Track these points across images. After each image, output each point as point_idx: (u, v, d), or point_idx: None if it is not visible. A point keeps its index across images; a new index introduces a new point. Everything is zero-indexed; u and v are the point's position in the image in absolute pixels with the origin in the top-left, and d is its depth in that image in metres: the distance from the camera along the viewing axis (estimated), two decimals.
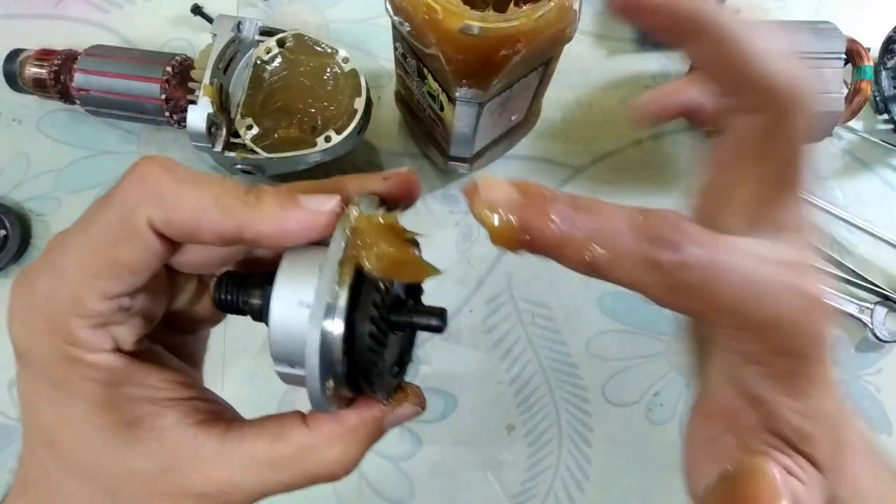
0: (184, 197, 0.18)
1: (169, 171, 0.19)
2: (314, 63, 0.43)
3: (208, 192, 0.19)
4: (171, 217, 0.18)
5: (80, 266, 0.19)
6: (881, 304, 0.50)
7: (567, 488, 0.48)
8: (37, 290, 0.19)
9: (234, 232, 0.19)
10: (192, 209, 0.18)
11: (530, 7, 0.31)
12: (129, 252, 0.19)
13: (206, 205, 0.18)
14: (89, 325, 0.19)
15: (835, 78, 0.46)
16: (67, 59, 0.46)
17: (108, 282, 0.19)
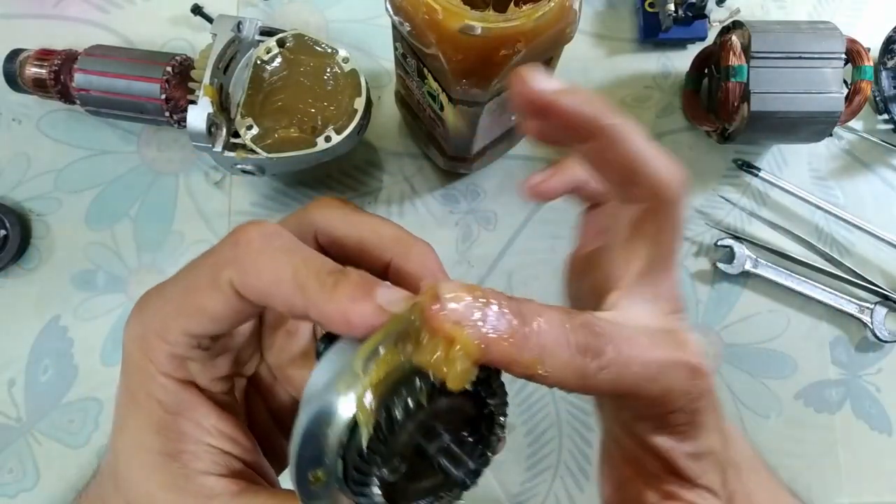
0: (264, 266, 0.19)
1: (262, 237, 0.20)
2: (314, 63, 0.43)
3: (289, 266, 0.19)
4: (248, 282, 0.19)
5: (174, 300, 0.21)
6: (881, 304, 0.50)
7: (567, 488, 0.48)
8: (149, 304, 0.21)
9: (301, 309, 0.19)
10: (268, 280, 0.19)
11: (530, 7, 0.31)
12: (209, 301, 0.20)
13: (283, 278, 0.19)
14: (168, 351, 0.21)
15: (835, 78, 0.46)
16: (67, 59, 0.46)
17: (189, 322, 0.20)
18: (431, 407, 0.18)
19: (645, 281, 0.22)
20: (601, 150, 0.20)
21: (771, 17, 0.55)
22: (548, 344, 0.18)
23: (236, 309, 0.20)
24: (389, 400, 0.17)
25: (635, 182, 0.20)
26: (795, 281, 0.51)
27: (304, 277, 0.19)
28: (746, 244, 0.51)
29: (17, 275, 0.49)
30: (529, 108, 0.19)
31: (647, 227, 0.21)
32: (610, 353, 0.19)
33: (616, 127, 0.20)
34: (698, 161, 0.53)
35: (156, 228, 0.49)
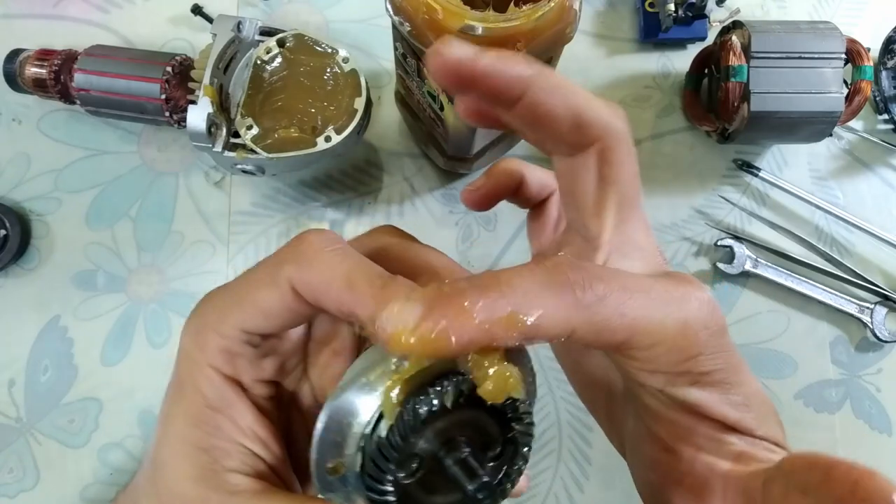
0: (320, 264, 0.20)
1: (322, 240, 0.20)
2: (314, 63, 0.43)
3: (342, 266, 0.20)
4: (303, 278, 0.20)
5: (233, 293, 0.21)
6: (881, 304, 0.50)
7: (567, 488, 0.48)
8: (211, 299, 0.22)
9: (348, 307, 0.19)
10: (323, 278, 0.20)
11: (530, 7, 0.31)
12: (266, 296, 0.20)
13: (336, 276, 0.19)
14: (220, 345, 0.21)
15: (835, 78, 0.46)
16: (67, 59, 0.46)
17: (244, 315, 0.21)
18: (456, 414, 0.18)
19: (624, 229, 0.21)
20: (535, 105, 0.20)
21: (771, 17, 0.55)
22: (518, 295, 0.17)
23: (290, 306, 0.20)
24: (415, 397, 0.17)
25: (582, 124, 0.20)
26: (795, 281, 0.51)
27: (355, 277, 0.19)
28: (746, 244, 0.51)
29: (17, 275, 0.49)
30: (452, 79, 0.19)
31: (607, 170, 0.21)
32: (601, 287, 0.17)
33: (544, 76, 0.19)
34: (698, 161, 0.53)
35: (156, 228, 0.49)
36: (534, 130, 0.21)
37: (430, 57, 0.19)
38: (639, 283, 0.19)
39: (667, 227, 0.52)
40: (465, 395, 0.17)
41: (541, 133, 0.21)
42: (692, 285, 0.20)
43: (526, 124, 0.21)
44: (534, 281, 0.17)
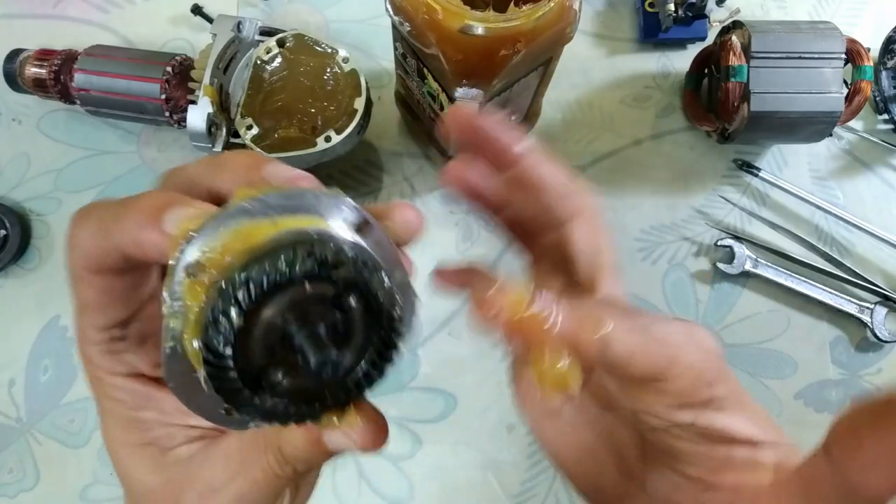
0: (81, 236, 0.19)
1: (79, 213, 0.20)
2: (314, 63, 0.43)
3: (94, 220, 0.19)
4: (82, 256, 0.20)
5: (75, 303, 0.21)
6: (881, 304, 0.50)
7: (567, 488, 0.48)
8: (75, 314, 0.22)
9: (119, 255, 0.19)
10: (88, 244, 0.19)
11: (530, 7, 0.31)
12: (84, 293, 0.20)
13: (93, 233, 0.19)
14: (100, 350, 0.21)
15: (835, 78, 0.46)
16: (67, 59, 0.46)
17: (88, 317, 0.21)
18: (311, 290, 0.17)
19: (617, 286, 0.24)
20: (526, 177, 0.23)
21: (771, 17, 0.55)
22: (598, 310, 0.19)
23: (103, 287, 0.20)
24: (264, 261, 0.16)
25: (567, 196, 0.23)
26: (795, 281, 0.51)
27: (105, 223, 0.19)
28: (746, 244, 0.51)
29: (17, 275, 0.49)
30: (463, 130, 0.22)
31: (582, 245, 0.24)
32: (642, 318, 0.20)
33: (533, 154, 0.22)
34: (698, 161, 0.53)
35: None
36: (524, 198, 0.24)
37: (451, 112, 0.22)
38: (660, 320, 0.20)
39: (667, 227, 0.52)
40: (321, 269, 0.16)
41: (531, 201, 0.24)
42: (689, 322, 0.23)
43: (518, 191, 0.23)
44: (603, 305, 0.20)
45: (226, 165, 0.20)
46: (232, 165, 0.20)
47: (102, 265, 0.20)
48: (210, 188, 0.20)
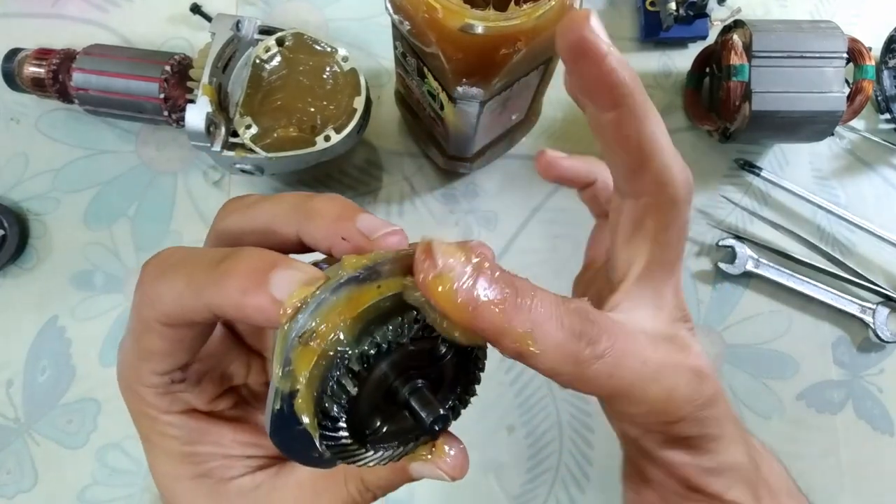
0: (164, 289, 0.19)
1: (157, 264, 0.20)
2: (313, 62, 0.43)
3: (181, 277, 0.18)
4: (162, 312, 0.19)
5: (131, 349, 0.21)
6: (883, 305, 0.50)
7: (568, 489, 0.48)
8: (121, 356, 0.22)
9: (209, 315, 0.18)
10: (172, 301, 0.19)
11: (531, 6, 0.31)
12: (152, 343, 0.20)
13: (181, 291, 0.18)
14: (156, 392, 0.21)
15: (836, 77, 0.46)
16: (66, 59, 0.46)
17: (150, 364, 0.21)
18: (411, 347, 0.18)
19: (645, 283, 0.21)
20: (620, 124, 0.19)
21: (772, 16, 0.55)
22: (540, 320, 0.17)
23: (175, 338, 0.20)
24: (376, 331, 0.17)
25: (644, 168, 0.20)
26: (797, 281, 0.51)
27: (197, 280, 0.18)
28: (748, 244, 0.51)
29: (14, 275, 0.49)
30: (577, 48, 0.18)
31: (649, 224, 0.21)
32: (604, 343, 0.18)
33: (642, 102, 0.19)
34: (700, 160, 0.53)
35: (154, 228, 0.49)
36: (607, 150, 0.21)
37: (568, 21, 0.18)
38: (639, 350, 0.19)
39: None
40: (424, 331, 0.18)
41: (610, 157, 0.21)
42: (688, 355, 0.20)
43: (603, 139, 0.20)
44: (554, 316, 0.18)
45: (316, 214, 0.20)
46: (323, 215, 0.19)
47: (184, 321, 0.19)
48: (297, 235, 0.20)
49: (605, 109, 0.19)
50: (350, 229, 0.19)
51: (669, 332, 0.21)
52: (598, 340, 0.18)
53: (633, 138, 0.19)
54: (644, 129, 0.19)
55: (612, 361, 0.18)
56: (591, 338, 0.18)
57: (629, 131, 0.19)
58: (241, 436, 0.23)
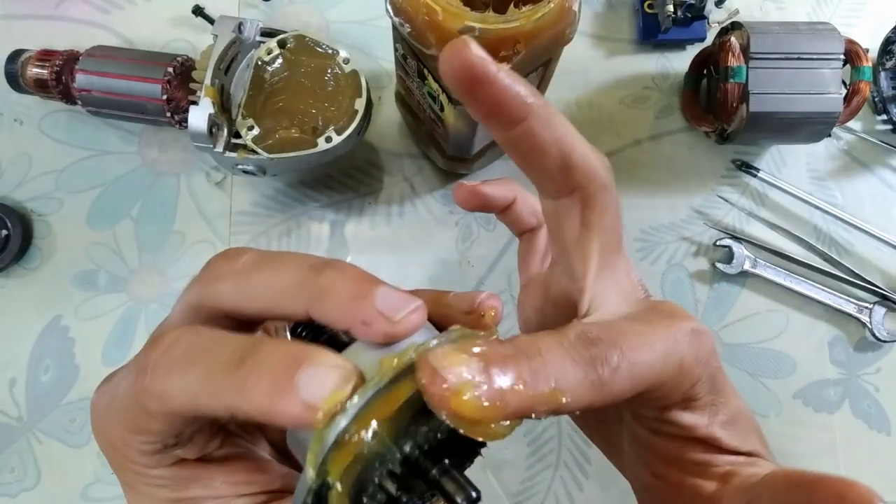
0: (172, 389, 0.18)
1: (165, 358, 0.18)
2: (315, 64, 0.44)
3: (195, 377, 0.17)
4: (172, 409, 0.18)
5: (120, 420, 0.20)
6: (880, 304, 0.51)
7: (567, 487, 0.48)
8: (103, 408, 0.20)
9: (230, 417, 0.17)
10: (185, 401, 0.18)
11: (530, 8, 0.31)
12: (149, 424, 0.19)
13: (195, 393, 0.17)
14: (143, 453, 0.20)
15: (833, 78, 0.47)
16: (69, 60, 0.46)
17: (143, 437, 0.19)
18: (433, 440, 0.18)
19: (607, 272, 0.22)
20: (533, 133, 0.19)
21: (770, 18, 0.55)
22: (556, 370, 0.17)
23: (179, 423, 0.19)
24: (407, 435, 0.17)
25: (568, 166, 0.20)
26: (794, 281, 0.51)
27: (215, 382, 0.17)
28: (745, 244, 0.51)
29: (18, 275, 0.49)
30: (465, 76, 0.18)
31: (589, 215, 0.21)
32: (615, 353, 0.18)
33: (545, 106, 0.19)
34: (697, 161, 0.53)
35: (157, 229, 0.50)
36: (524, 163, 0.21)
37: (447, 50, 0.18)
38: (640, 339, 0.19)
39: (666, 227, 0.52)
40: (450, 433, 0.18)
41: (530, 167, 0.21)
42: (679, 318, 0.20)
43: (518, 154, 0.20)
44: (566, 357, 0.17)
45: (328, 294, 0.18)
46: (336, 294, 0.18)
47: (196, 418, 0.19)
48: (307, 313, 0.19)
49: (513, 125, 0.19)
50: (369, 312, 0.18)
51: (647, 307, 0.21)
52: (609, 356, 0.18)
53: (549, 142, 0.19)
54: (556, 131, 0.19)
55: (628, 366, 0.18)
56: (602, 357, 0.18)
57: (543, 137, 0.19)
58: (232, 476, 0.22)
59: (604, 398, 0.18)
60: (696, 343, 0.20)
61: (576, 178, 0.20)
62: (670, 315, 0.20)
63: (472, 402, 0.15)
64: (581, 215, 0.21)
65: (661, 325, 0.20)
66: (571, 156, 0.20)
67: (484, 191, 0.29)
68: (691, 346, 0.20)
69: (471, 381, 0.16)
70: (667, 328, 0.20)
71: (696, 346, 0.20)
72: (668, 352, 0.19)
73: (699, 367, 0.20)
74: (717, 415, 0.21)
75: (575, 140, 0.20)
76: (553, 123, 0.19)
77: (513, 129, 0.19)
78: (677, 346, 0.20)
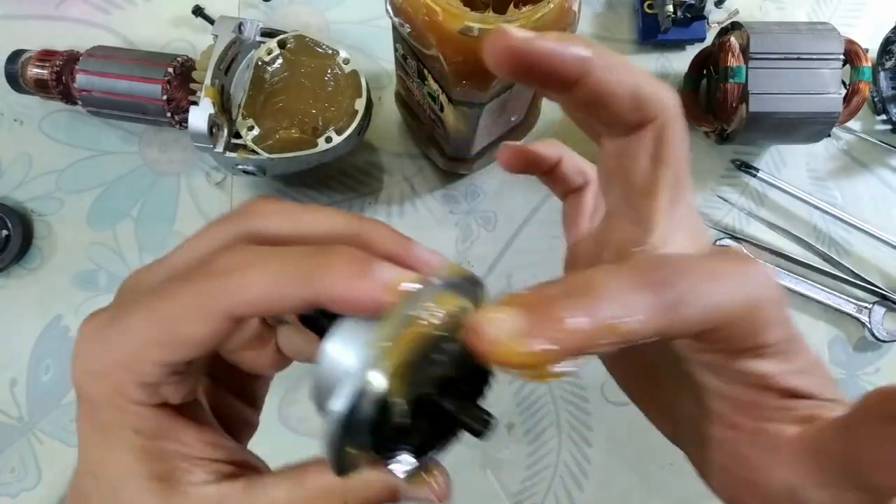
0: (251, 282, 0.19)
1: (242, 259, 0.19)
2: (315, 64, 0.44)
3: (275, 267, 0.19)
4: (246, 301, 0.19)
5: (145, 330, 0.19)
6: (879, 304, 0.51)
7: (566, 487, 0.48)
8: (102, 335, 0.20)
9: (308, 302, 0.19)
10: (262, 291, 0.19)
11: (530, 8, 0.31)
12: (197, 331, 0.19)
13: (275, 280, 0.19)
14: (140, 381, 0.20)
15: (833, 79, 0.47)
16: (69, 60, 0.46)
17: (168, 351, 0.19)
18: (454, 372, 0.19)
19: (677, 209, 0.21)
20: (597, 85, 0.19)
21: (769, 18, 0.55)
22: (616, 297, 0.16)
23: (225, 331, 0.19)
24: (418, 373, 0.18)
25: (641, 102, 0.20)
26: (794, 281, 0.51)
27: (300, 269, 0.19)
28: (745, 244, 0.51)
29: (18, 275, 0.49)
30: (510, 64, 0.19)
31: (661, 147, 0.21)
32: (684, 280, 0.17)
33: (604, 54, 0.19)
34: (697, 161, 0.53)
35: (157, 229, 0.50)
36: (591, 111, 0.21)
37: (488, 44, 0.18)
38: (712, 270, 0.18)
39: None
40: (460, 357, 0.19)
41: (598, 113, 0.21)
42: (751, 262, 0.19)
43: (583, 106, 0.20)
44: (625, 285, 0.17)
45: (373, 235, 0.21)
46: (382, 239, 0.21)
47: (269, 310, 0.19)
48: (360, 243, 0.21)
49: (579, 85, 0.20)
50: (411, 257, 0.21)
51: (717, 249, 0.21)
52: (673, 283, 0.17)
53: (616, 85, 0.20)
54: (621, 73, 0.20)
55: (698, 293, 0.17)
56: (666, 282, 0.17)
57: (610, 82, 0.20)
58: (202, 435, 0.21)
59: (672, 326, 0.17)
60: (769, 285, 0.19)
61: (649, 111, 0.20)
62: (741, 257, 0.20)
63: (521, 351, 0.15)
64: (653, 148, 0.21)
65: (733, 262, 0.19)
66: (641, 91, 0.20)
67: (531, 150, 0.29)
68: (765, 288, 0.19)
69: (517, 330, 0.15)
70: (738, 265, 0.19)
71: (769, 289, 0.19)
72: (739, 288, 0.18)
73: (772, 309, 0.19)
74: (791, 363, 0.20)
75: (640, 76, 0.20)
76: (615, 66, 0.19)
77: (574, 88, 0.19)
78: (749, 283, 0.19)
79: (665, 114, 0.20)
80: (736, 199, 0.53)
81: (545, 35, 0.19)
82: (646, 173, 0.21)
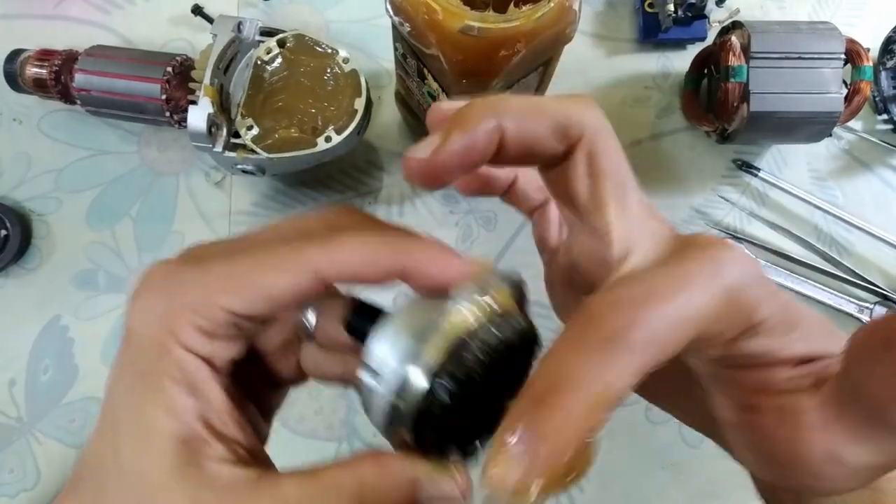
0: (352, 249, 0.20)
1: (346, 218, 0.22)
2: (314, 63, 0.43)
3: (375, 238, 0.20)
4: (338, 270, 0.20)
5: (225, 274, 0.20)
6: (880, 304, 0.50)
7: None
8: (174, 276, 0.20)
9: (394, 274, 0.20)
10: (360, 261, 0.20)
11: (530, 7, 0.31)
12: (279, 282, 0.19)
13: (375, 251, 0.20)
14: (198, 325, 0.20)
15: (834, 78, 0.47)
16: (68, 60, 0.46)
17: (242, 299, 0.19)
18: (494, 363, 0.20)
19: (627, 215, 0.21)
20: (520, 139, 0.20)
21: (770, 18, 0.55)
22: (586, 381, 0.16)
23: (306, 291, 0.20)
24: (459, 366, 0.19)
25: (563, 131, 0.20)
26: (795, 281, 0.51)
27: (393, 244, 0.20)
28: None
29: (17, 275, 0.49)
30: (436, 179, 0.20)
31: (594, 163, 0.21)
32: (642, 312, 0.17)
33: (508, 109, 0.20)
34: (698, 161, 0.53)
35: (156, 228, 0.50)
36: (523, 162, 0.21)
37: (406, 174, 0.20)
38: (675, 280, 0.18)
39: None
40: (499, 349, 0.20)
41: (530, 160, 0.21)
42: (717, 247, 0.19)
43: (517, 159, 0.21)
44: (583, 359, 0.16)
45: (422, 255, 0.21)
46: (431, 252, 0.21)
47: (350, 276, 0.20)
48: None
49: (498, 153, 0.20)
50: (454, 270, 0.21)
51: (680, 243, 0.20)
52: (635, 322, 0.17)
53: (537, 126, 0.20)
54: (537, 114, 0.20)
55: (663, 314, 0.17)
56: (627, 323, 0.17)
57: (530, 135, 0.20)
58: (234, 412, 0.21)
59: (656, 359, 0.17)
60: (743, 264, 0.19)
61: (573, 135, 0.20)
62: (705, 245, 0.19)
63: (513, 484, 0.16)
64: (587, 165, 0.21)
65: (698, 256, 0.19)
66: (559, 121, 0.20)
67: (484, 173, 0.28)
68: (739, 270, 0.18)
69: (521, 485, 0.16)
70: (704, 258, 0.18)
71: (744, 268, 0.19)
72: (712, 282, 0.18)
73: (753, 287, 0.19)
74: (791, 331, 0.20)
75: (552, 107, 0.20)
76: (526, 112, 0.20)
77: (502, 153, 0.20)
78: (723, 272, 0.18)
79: (588, 130, 0.20)
80: (737, 198, 0.53)
81: (446, 133, 0.19)
82: (588, 190, 0.21)
